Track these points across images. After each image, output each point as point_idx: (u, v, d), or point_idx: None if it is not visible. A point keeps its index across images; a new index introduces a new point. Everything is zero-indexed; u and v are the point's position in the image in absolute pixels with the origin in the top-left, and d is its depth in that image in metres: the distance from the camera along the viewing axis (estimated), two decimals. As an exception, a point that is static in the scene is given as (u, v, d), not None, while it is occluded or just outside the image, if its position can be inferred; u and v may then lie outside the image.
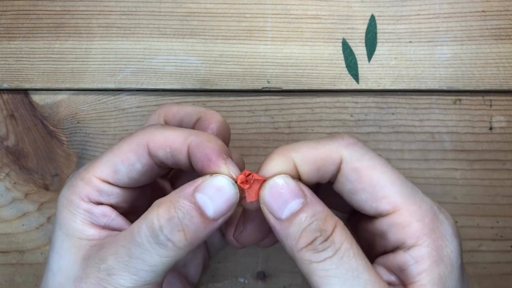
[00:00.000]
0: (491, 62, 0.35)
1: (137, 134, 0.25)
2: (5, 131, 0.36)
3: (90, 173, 0.25)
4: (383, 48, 0.36)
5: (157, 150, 0.24)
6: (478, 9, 0.36)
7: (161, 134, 0.25)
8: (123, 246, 0.22)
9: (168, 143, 0.24)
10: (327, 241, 0.22)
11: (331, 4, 0.36)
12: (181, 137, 0.24)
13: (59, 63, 0.36)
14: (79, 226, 0.24)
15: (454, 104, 0.36)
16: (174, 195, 0.23)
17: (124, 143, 0.25)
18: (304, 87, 0.36)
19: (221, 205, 0.23)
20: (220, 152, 0.24)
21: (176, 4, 0.36)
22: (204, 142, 0.24)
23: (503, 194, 0.35)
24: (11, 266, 0.36)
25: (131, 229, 0.23)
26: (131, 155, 0.24)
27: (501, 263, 0.35)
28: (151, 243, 0.22)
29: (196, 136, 0.24)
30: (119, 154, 0.25)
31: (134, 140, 0.25)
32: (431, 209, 0.24)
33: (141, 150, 0.24)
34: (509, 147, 0.35)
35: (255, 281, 0.35)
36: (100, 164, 0.25)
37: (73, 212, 0.24)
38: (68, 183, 0.25)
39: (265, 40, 0.36)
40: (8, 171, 0.36)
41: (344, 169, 0.24)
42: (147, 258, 0.22)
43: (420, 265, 0.23)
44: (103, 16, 0.36)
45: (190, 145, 0.24)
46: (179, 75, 0.36)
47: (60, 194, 0.25)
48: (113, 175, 0.24)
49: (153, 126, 0.26)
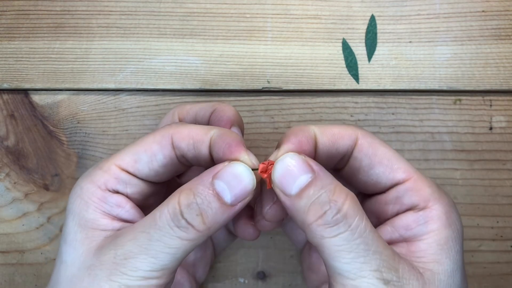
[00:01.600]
0: (491, 62, 0.35)
1: (162, 128, 0.26)
2: (5, 131, 0.36)
3: (110, 162, 0.25)
4: (383, 48, 0.36)
5: (181, 142, 0.25)
6: (478, 9, 0.36)
7: (185, 128, 0.26)
8: (142, 231, 0.23)
9: (191, 135, 0.25)
10: (339, 214, 0.22)
11: (331, 4, 0.36)
12: (204, 130, 0.26)
13: (59, 63, 0.36)
14: (91, 216, 0.25)
15: (454, 104, 0.36)
16: (194, 182, 0.24)
17: (149, 136, 0.26)
18: (304, 87, 0.36)
19: (238, 191, 0.24)
20: (241, 141, 0.25)
21: (176, 4, 0.36)
22: (226, 133, 0.25)
23: (503, 194, 0.35)
24: (11, 266, 0.36)
25: (152, 215, 0.23)
26: (155, 145, 0.25)
27: (501, 263, 0.35)
28: (172, 226, 0.23)
29: (218, 129, 0.26)
30: (143, 145, 0.26)
31: (159, 132, 0.26)
32: (434, 182, 0.26)
33: (165, 141, 0.25)
34: (509, 147, 0.35)
35: (255, 281, 0.35)
36: (121, 154, 0.26)
37: (86, 200, 0.25)
38: (85, 173, 0.26)
39: (265, 40, 0.36)
40: (8, 171, 0.36)
41: (363, 144, 0.26)
42: (168, 240, 0.23)
43: (429, 225, 0.24)
44: (103, 16, 0.36)
45: (212, 136, 0.25)
46: (179, 75, 0.36)
47: (75, 184, 0.26)
48: (134, 164, 0.25)
49: (177, 123, 0.27)
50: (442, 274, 0.23)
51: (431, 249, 0.24)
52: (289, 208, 0.23)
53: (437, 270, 0.23)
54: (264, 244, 0.35)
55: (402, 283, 0.22)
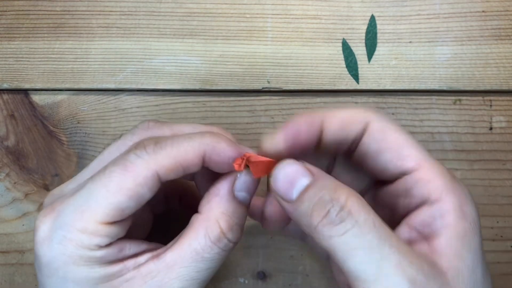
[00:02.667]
0: (491, 62, 0.35)
1: (135, 164, 0.22)
2: (5, 131, 0.36)
3: (91, 221, 0.22)
4: (383, 48, 0.36)
5: (169, 175, 0.23)
6: (478, 9, 0.36)
7: (169, 157, 0.23)
8: (186, 266, 0.23)
9: (179, 162, 0.23)
10: (343, 211, 0.21)
11: (331, 4, 0.36)
12: (191, 151, 0.23)
13: (59, 63, 0.36)
14: (93, 274, 0.22)
15: (454, 104, 0.36)
16: (217, 206, 0.24)
17: (124, 177, 0.22)
18: (304, 87, 0.36)
19: (254, 191, 0.25)
20: (238, 150, 0.24)
21: (176, 4, 0.36)
22: (219, 147, 0.23)
23: (503, 194, 0.35)
24: (11, 266, 0.36)
25: (186, 253, 0.23)
26: (140, 189, 0.22)
27: (501, 263, 0.35)
28: (219, 250, 0.24)
29: (207, 141, 0.23)
30: (122, 191, 0.22)
31: (139, 172, 0.22)
32: (448, 171, 0.24)
33: (150, 181, 0.22)
34: (509, 147, 0.35)
35: (255, 281, 0.35)
36: (100, 207, 0.22)
37: (78, 263, 0.22)
38: (56, 237, 0.22)
39: (265, 40, 0.36)
40: (8, 171, 0.36)
41: (372, 128, 0.24)
42: (213, 263, 0.24)
43: (445, 219, 0.22)
44: (103, 16, 0.36)
45: (205, 156, 0.23)
46: (179, 75, 0.36)
47: (45, 255, 0.22)
48: (121, 213, 0.22)
49: (148, 147, 0.23)
50: (465, 269, 0.22)
51: (451, 244, 0.22)
52: (292, 214, 0.23)
53: (460, 266, 0.22)
54: (264, 244, 0.35)
55: (428, 280, 0.20)
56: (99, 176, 0.22)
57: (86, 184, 0.23)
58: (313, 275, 0.35)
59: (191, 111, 0.36)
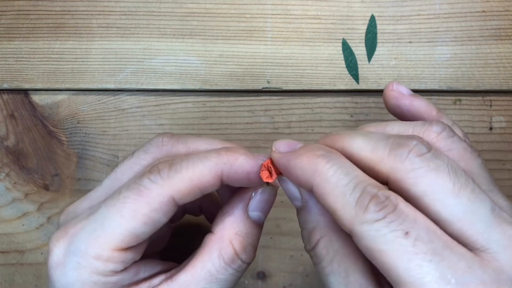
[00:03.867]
0: (491, 62, 0.35)
1: (149, 190, 0.22)
2: (5, 131, 0.36)
3: (106, 247, 0.21)
4: (383, 48, 0.36)
5: (185, 198, 0.22)
6: (478, 9, 0.36)
7: (184, 181, 0.22)
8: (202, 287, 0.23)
9: (196, 185, 0.22)
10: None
11: (331, 4, 0.36)
12: (207, 172, 0.22)
13: (59, 63, 0.36)
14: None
15: (454, 104, 0.36)
16: (231, 226, 0.24)
17: (138, 203, 0.21)
18: (304, 87, 0.36)
19: (268, 211, 0.25)
20: (256, 163, 0.23)
21: (176, 4, 0.36)
22: (236, 165, 0.23)
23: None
24: (11, 266, 0.36)
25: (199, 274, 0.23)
26: (155, 215, 0.21)
27: (501, 263, 0.35)
28: (233, 271, 0.23)
29: (224, 160, 0.23)
30: (137, 218, 0.21)
31: (154, 198, 0.21)
32: None
33: (166, 206, 0.22)
34: (509, 147, 0.35)
35: (255, 281, 0.35)
36: (114, 234, 0.21)
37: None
38: (70, 262, 0.22)
39: (265, 40, 0.36)
40: (8, 171, 0.36)
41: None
42: (226, 284, 0.23)
43: None
44: (103, 16, 0.36)
45: (223, 175, 0.23)
46: (179, 75, 0.36)
47: (59, 281, 0.22)
48: (136, 239, 0.22)
49: (163, 171, 0.22)
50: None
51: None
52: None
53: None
54: (264, 244, 0.35)
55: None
56: (112, 201, 0.22)
57: (100, 208, 0.22)
58: (313, 275, 0.35)
59: (191, 111, 0.36)
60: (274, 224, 0.35)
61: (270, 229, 0.35)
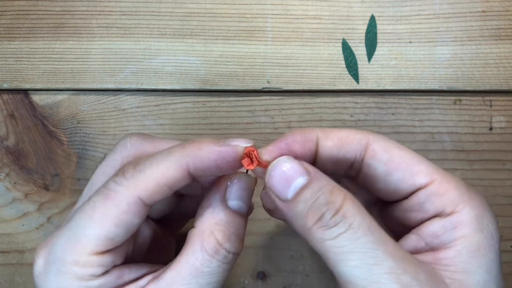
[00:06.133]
0: (491, 62, 0.35)
1: (115, 192, 0.22)
2: (5, 131, 0.36)
3: (82, 253, 0.22)
4: (383, 48, 0.36)
5: (154, 197, 0.22)
6: (478, 9, 0.36)
7: (149, 180, 0.22)
8: (187, 284, 0.22)
9: (162, 182, 0.22)
10: (337, 215, 0.20)
11: (331, 5, 0.36)
12: (172, 167, 0.22)
13: (59, 63, 0.36)
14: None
15: (454, 104, 0.36)
16: (211, 217, 0.23)
17: (106, 206, 0.22)
18: (304, 87, 0.36)
19: (248, 198, 0.24)
20: (221, 148, 0.23)
21: (176, 4, 0.36)
22: (200, 154, 0.22)
23: (503, 194, 0.35)
24: (11, 266, 0.36)
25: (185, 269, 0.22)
26: (125, 216, 0.22)
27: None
28: (218, 263, 0.23)
29: (187, 152, 0.22)
30: (107, 221, 0.22)
31: (121, 200, 0.22)
32: (463, 182, 0.23)
33: (134, 207, 0.22)
34: (509, 147, 0.35)
35: (255, 281, 0.35)
36: (88, 239, 0.22)
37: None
38: (52, 270, 0.22)
39: (265, 40, 0.36)
40: (8, 171, 0.36)
41: (375, 149, 0.23)
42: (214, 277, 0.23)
43: (458, 231, 0.21)
44: (103, 16, 0.36)
45: (189, 167, 0.22)
46: (179, 75, 0.36)
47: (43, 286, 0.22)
48: (111, 242, 0.22)
49: (127, 172, 0.22)
50: (472, 285, 0.21)
51: (460, 257, 0.21)
52: (287, 213, 0.22)
53: (466, 282, 0.21)
54: (264, 244, 0.35)
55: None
56: (84, 207, 0.22)
57: (74, 215, 0.23)
58: (313, 275, 0.35)
59: (191, 111, 0.36)
60: (274, 224, 0.35)
61: (270, 229, 0.35)
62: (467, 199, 0.22)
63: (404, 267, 0.20)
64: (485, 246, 0.21)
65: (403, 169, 0.23)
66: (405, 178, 0.23)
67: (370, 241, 0.20)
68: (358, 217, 0.20)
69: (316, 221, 0.21)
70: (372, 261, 0.20)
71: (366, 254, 0.20)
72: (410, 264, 0.20)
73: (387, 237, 0.21)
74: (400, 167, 0.23)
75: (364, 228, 0.20)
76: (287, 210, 0.22)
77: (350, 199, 0.21)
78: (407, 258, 0.20)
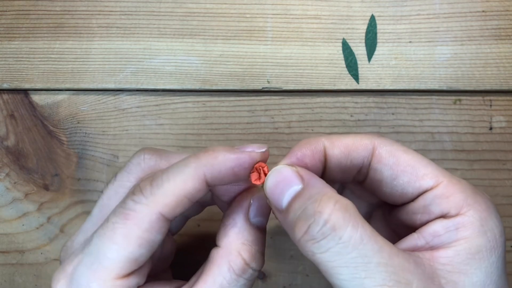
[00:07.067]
0: (491, 62, 0.35)
1: (135, 211, 0.21)
2: (5, 131, 0.36)
3: (106, 278, 0.21)
4: (383, 48, 0.36)
5: (175, 211, 0.22)
6: (478, 9, 0.36)
7: (168, 194, 0.21)
8: None
9: (181, 195, 0.22)
10: (325, 227, 0.20)
11: (331, 4, 0.36)
12: (189, 179, 0.22)
13: (59, 63, 0.36)
14: None
15: (454, 104, 0.36)
16: (236, 238, 0.23)
17: (128, 227, 0.21)
18: (304, 87, 0.36)
19: (268, 213, 0.24)
20: (237, 156, 0.23)
21: (176, 4, 0.36)
22: (217, 163, 0.22)
23: (503, 194, 0.35)
24: (11, 266, 0.36)
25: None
26: (148, 235, 0.21)
27: (501, 263, 0.35)
28: (244, 281, 0.23)
29: (203, 162, 0.22)
30: (131, 242, 0.21)
31: (142, 219, 0.21)
32: (470, 185, 0.23)
33: (156, 224, 0.21)
34: (509, 147, 0.35)
35: (255, 281, 0.35)
36: (112, 263, 0.21)
37: None
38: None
39: (265, 40, 0.36)
40: (8, 171, 0.36)
41: (381, 154, 0.23)
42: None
43: (460, 232, 0.21)
44: (103, 16, 0.36)
45: (207, 177, 0.22)
46: (179, 75, 0.36)
47: None
48: (135, 263, 0.21)
49: (145, 189, 0.22)
50: (468, 287, 0.20)
51: (459, 257, 0.21)
52: (282, 223, 0.22)
53: (462, 283, 0.20)
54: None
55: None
56: (103, 230, 0.21)
57: (92, 239, 0.22)
58: (313, 275, 0.35)
59: (191, 111, 0.36)
60: (274, 224, 0.35)
61: (270, 229, 0.35)
62: (472, 202, 0.22)
63: (398, 278, 0.20)
64: (487, 249, 0.21)
65: (409, 172, 0.23)
66: (411, 182, 0.23)
67: (362, 254, 0.20)
68: (349, 229, 0.20)
69: (303, 233, 0.20)
70: (364, 274, 0.19)
71: (357, 268, 0.19)
72: (405, 272, 0.20)
73: (382, 244, 0.20)
74: (406, 170, 0.23)
75: (355, 241, 0.20)
76: (281, 220, 0.22)
77: (340, 208, 0.20)
78: (402, 266, 0.20)
